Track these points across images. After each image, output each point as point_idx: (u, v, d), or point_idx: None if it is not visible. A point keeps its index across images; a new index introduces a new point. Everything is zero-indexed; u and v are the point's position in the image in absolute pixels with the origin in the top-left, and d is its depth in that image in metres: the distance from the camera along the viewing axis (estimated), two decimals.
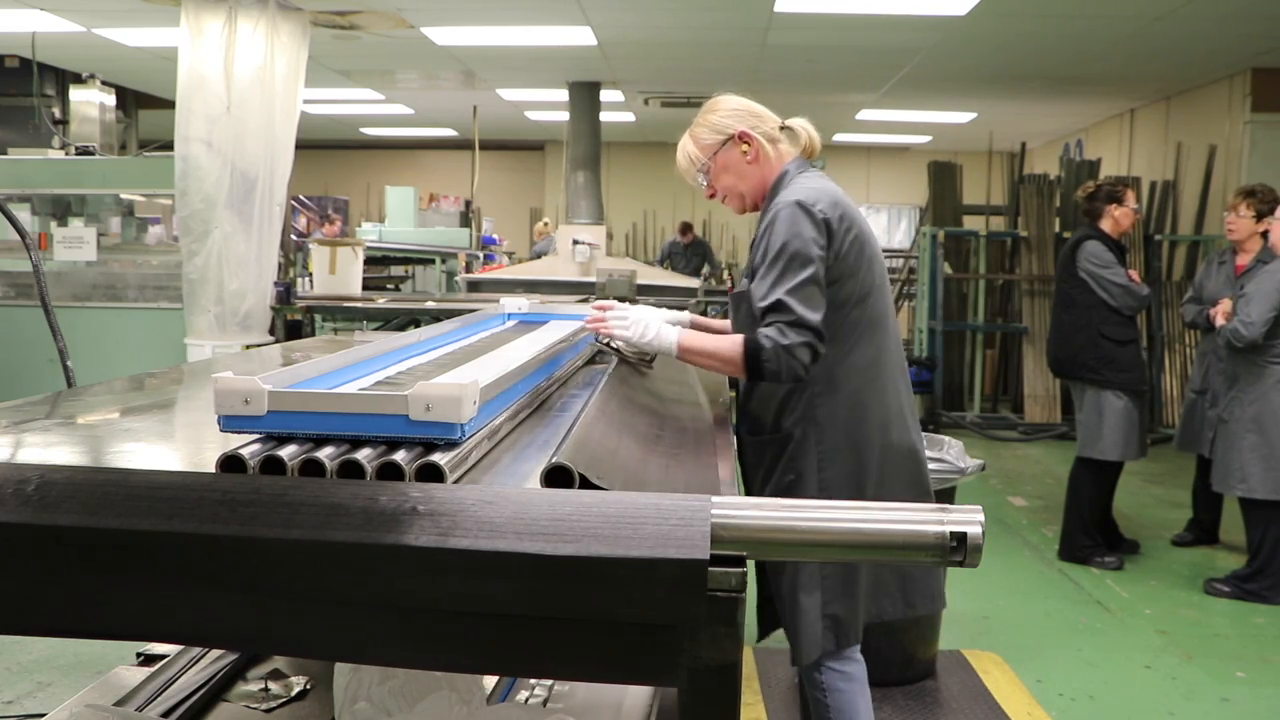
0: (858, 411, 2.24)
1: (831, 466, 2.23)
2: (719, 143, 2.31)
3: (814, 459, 2.23)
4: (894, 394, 2.31)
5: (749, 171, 2.32)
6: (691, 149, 2.34)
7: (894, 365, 2.32)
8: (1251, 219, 4.77)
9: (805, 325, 2.08)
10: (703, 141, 2.33)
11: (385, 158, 16.12)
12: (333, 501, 1.04)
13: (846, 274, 2.20)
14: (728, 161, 2.32)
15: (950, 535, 1.05)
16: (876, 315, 2.27)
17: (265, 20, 5.88)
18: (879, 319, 2.28)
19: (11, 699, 3.32)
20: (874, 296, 2.27)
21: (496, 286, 7.70)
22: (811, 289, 2.11)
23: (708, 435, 1.85)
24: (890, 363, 2.30)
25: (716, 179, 2.35)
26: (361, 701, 1.80)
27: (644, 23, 7.44)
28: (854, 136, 13.54)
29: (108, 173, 6.51)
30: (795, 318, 2.08)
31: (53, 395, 1.91)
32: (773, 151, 2.33)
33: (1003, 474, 7.05)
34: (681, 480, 1.44)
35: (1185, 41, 7.46)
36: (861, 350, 2.24)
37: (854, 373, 2.24)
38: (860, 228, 2.25)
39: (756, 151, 2.31)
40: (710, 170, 2.33)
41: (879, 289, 2.29)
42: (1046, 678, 3.71)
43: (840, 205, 2.22)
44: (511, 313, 2.81)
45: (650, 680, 1.13)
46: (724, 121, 2.31)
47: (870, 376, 2.26)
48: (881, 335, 2.28)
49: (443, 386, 1.17)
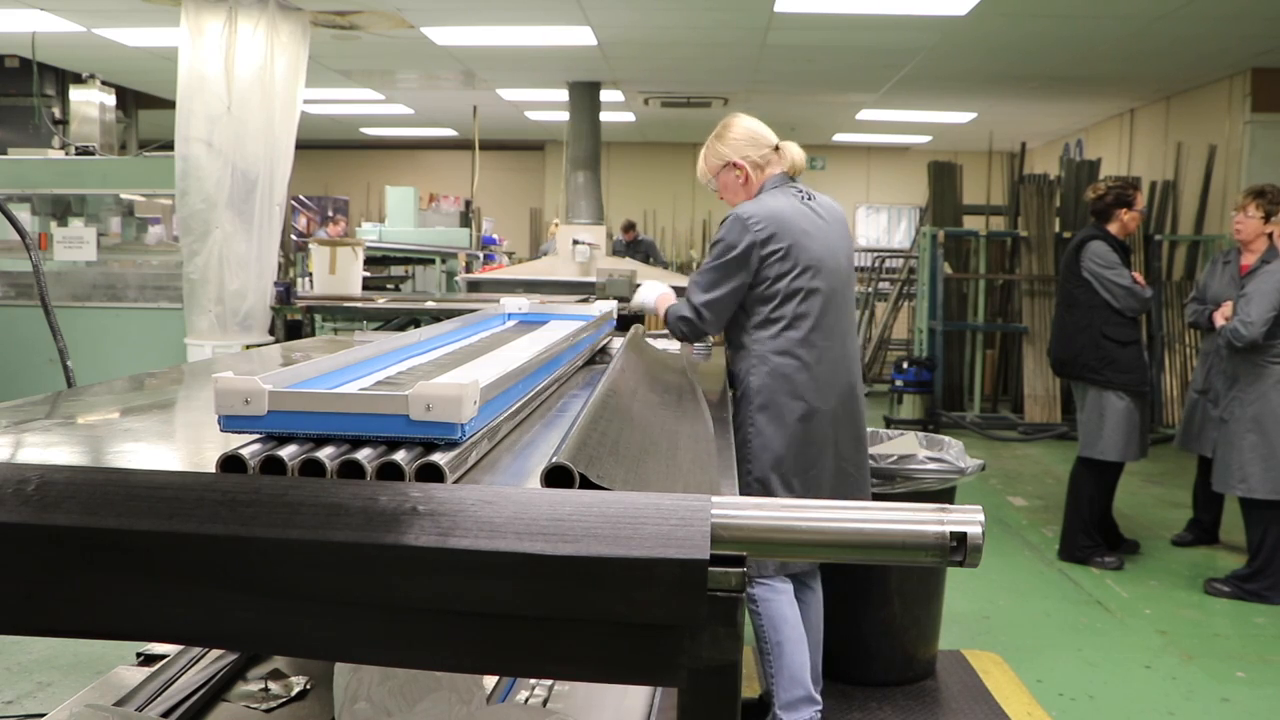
0: (777, 382, 2.84)
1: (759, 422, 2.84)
2: (719, 166, 3.03)
3: (747, 414, 2.86)
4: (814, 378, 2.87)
5: (740, 189, 3.02)
6: (701, 165, 3.08)
7: (826, 355, 2.88)
8: (1260, 219, 4.76)
9: (692, 304, 2.88)
10: (710, 162, 3.05)
11: (385, 158, 16.12)
12: (333, 501, 1.04)
13: (771, 275, 2.84)
14: (726, 181, 3.04)
15: (950, 535, 1.05)
16: (805, 312, 2.85)
17: (265, 20, 5.88)
18: (806, 315, 2.86)
19: (11, 699, 3.32)
20: (803, 297, 2.85)
21: (496, 286, 7.70)
22: (711, 276, 2.86)
23: (704, 427, 1.85)
24: (818, 350, 2.87)
25: (720, 190, 3.08)
26: (361, 701, 1.80)
27: (644, 23, 7.44)
28: (854, 136, 13.54)
29: (108, 173, 6.51)
30: (691, 302, 2.89)
31: (53, 395, 1.91)
32: (757, 176, 3.00)
33: (1003, 474, 7.05)
34: (680, 482, 1.44)
35: (1185, 41, 7.47)
36: (785, 336, 2.85)
37: (777, 353, 2.85)
38: (792, 241, 2.85)
39: (746, 176, 3.00)
40: (715, 183, 3.08)
41: (813, 293, 2.86)
42: (1046, 678, 3.71)
43: (775, 222, 2.85)
44: (511, 313, 2.81)
45: (650, 680, 1.13)
46: (724, 151, 3.00)
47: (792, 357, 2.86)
48: (808, 328, 2.86)
49: (443, 386, 1.17)
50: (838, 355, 2.90)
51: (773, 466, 2.82)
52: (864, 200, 15.04)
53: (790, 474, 2.83)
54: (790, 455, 2.82)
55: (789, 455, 2.82)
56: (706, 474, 1.44)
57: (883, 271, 11.55)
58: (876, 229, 15.12)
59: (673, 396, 2.06)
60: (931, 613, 3.63)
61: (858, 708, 3.42)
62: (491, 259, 10.17)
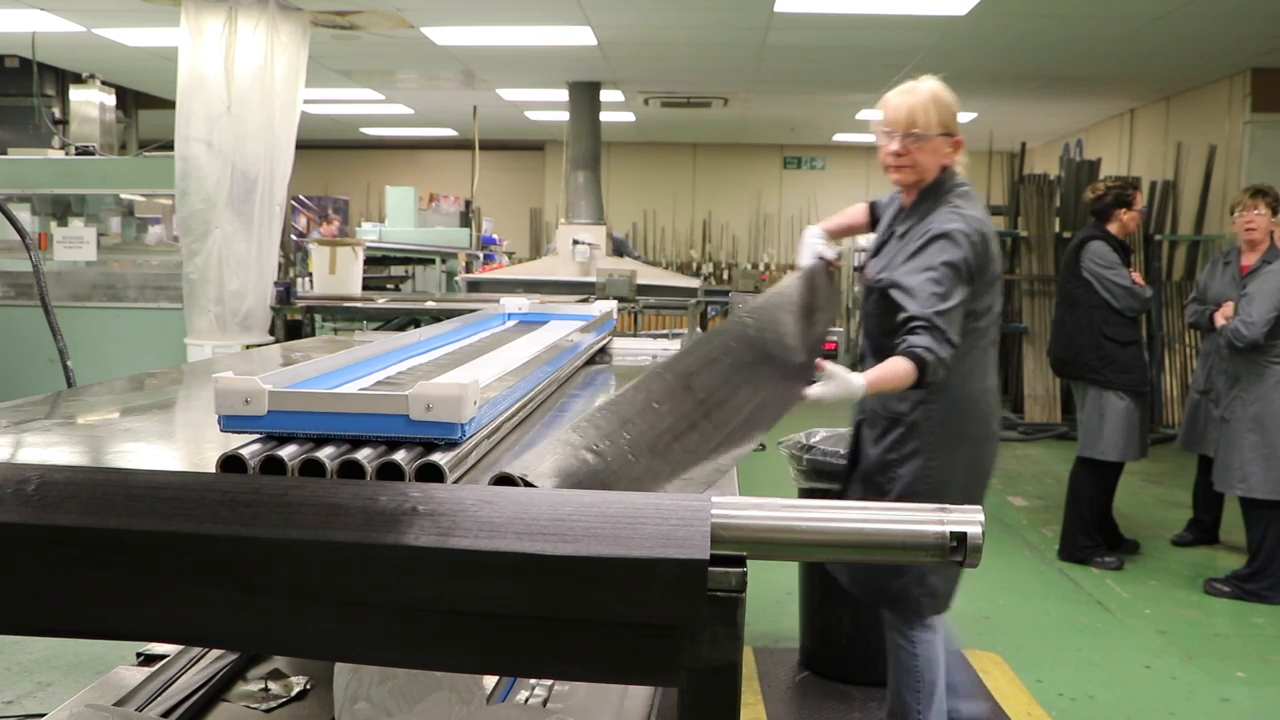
0: (960, 408, 2.63)
1: (936, 452, 2.62)
2: (943, 131, 2.63)
3: (921, 442, 2.63)
4: (989, 395, 2.72)
5: (936, 167, 2.65)
6: (925, 115, 2.62)
7: (990, 371, 2.72)
8: (1269, 215, 4.75)
9: (951, 344, 2.44)
10: (939, 119, 2.63)
11: (385, 158, 16.11)
12: (333, 501, 1.04)
13: (978, 295, 2.57)
14: (936, 148, 2.63)
15: (950, 535, 1.05)
16: (984, 328, 2.65)
17: (265, 20, 5.88)
18: (985, 331, 2.66)
19: (11, 699, 3.32)
20: (990, 315, 2.66)
21: (496, 286, 7.71)
22: (959, 313, 2.48)
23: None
24: (988, 369, 2.71)
25: (916, 150, 2.63)
26: (361, 701, 1.80)
27: (644, 23, 7.43)
28: (854, 136, 13.53)
29: (108, 173, 6.50)
30: (947, 338, 2.44)
31: (53, 395, 1.91)
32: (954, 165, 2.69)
33: (1003, 474, 7.05)
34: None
35: (1185, 41, 7.46)
36: (970, 359, 2.62)
37: (960, 377, 2.60)
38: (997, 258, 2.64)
39: (952, 160, 2.68)
40: (920, 140, 2.62)
41: (994, 309, 2.68)
42: (1046, 678, 3.71)
43: (992, 239, 2.61)
44: (511, 313, 2.81)
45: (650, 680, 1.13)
46: (956, 124, 2.67)
47: (974, 381, 2.66)
48: (986, 347, 2.68)
49: (443, 386, 1.17)
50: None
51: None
52: (864, 200, 15.03)
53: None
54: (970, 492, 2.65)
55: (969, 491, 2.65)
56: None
57: None
58: None
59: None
60: None
61: (858, 708, 3.42)
62: (491, 259, 10.17)
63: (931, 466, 2.62)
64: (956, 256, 2.49)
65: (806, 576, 3.69)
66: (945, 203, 2.60)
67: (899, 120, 2.63)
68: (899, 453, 2.64)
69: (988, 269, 2.58)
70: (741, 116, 11.82)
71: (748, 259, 14.79)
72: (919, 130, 2.60)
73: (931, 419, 2.61)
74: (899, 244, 2.67)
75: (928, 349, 2.40)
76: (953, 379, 2.53)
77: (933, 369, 2.40)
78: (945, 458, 2.62)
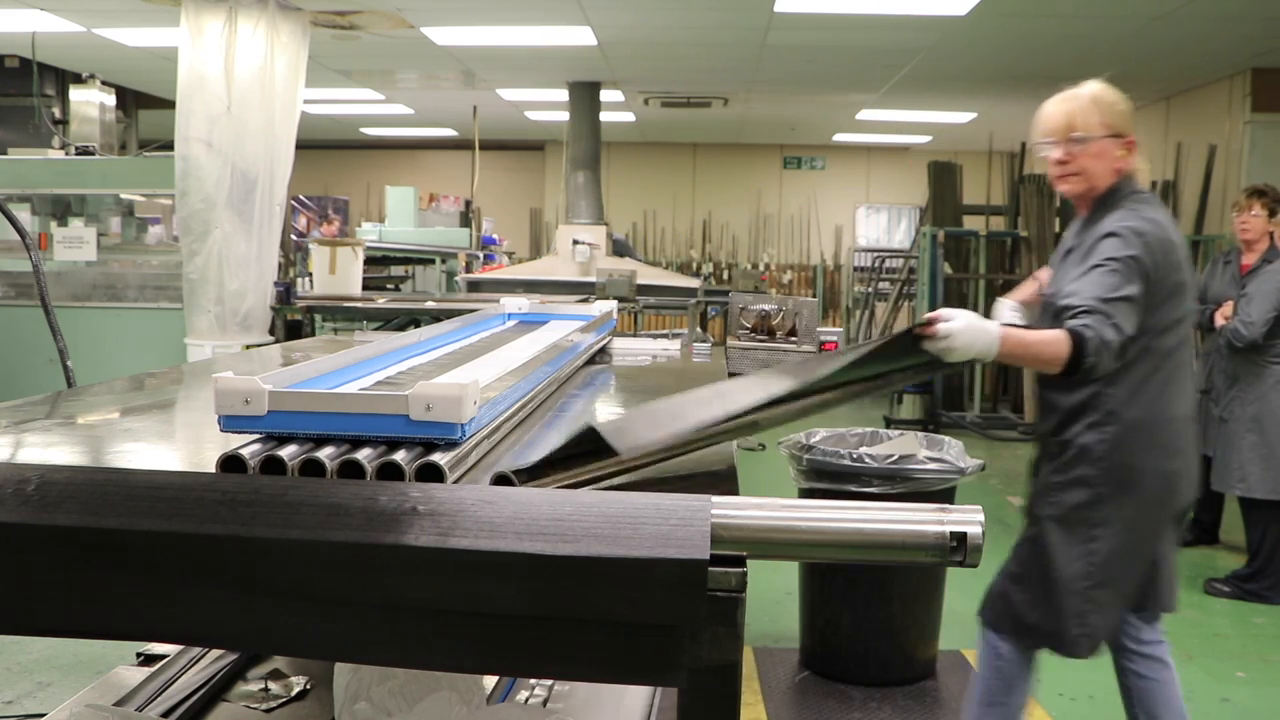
0: (1135, 437, 2.34)
1: (1102, 483, 2.35)
2: (1110, 133, 2.42)
3: (1087, 470, 2.36)
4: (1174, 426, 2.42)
5: (1108, 172, 2.43)
6: (1085, 117, 2.42)
7: (1178, 399, 2.42)
8: (1265, 217, 4.75)
9: (1120, 331, 2.18)
10: (1102, 120, 2.42)
11: (385, 158, 16.11)
12: (333, 501, 1.04)
13: (1157, 305, 2.31)
14: (1103, 150, 2.41)
15: (950, 535, 1.05)
16: (1167, 349, 2.38)
17: (265, 20, 5.88)
18: (1169, 353, 2.39)
19: (11, 699, 3.32)
20: (1174, 333, 2.38)
21: (496, 286, 7.70)
22: (1132, 306, 2.23)
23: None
24: (1175, 397, 2.41)
25: (1083, 155, 2.42)
26: (361, 701, 1.80)
27: (644, 23, 7.43)
28: (854, 136, 13.54)
29: (108, 173, 6.50)
30: (1115, 323, 2.17)
31: (53, 395, 1.91)
32: (1129, 169, 2.45)
33: (1003, 474, 7.04)
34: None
35: (1185, 41, 7.46)
36: (1152, 383, 2.35)
37: (1138, 401, 2.34)
38: (1182, 267, 2.39)
39: (1126, 163, 2.44)
40: (1085, 144, 2.41)
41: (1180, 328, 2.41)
42: (1046, 678, 3.71)
43: (1176, 246, 2.39)
44: (511, 313, 2.81)
45: (650, 680, 1.13)
46: (1125, 124, 2.45)
47: (1155, 407, 2.36)
48: (1171, 371, 2.39)
49: (443, 386, 1.17)
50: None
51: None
52: (864, 200, 15.04)
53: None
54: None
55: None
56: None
57: (882, 271, 11.54)
58: (876, 229, 15.11)
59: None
60: (931, 613, 3.62)
61: (858, 708, 3.42)
62: (491, 259, 10.16)
63: (1094, 497, 2.36)
64: (1128, 252, 2.27)
65: (806, 576, 3.69)
66: (1121, 207, 2.39)
67: (1057, 126, 2.45)
68: (1063, 476, 2.39)
69: (1168, 277, 2.33)
70: (741, 116, 11.82)
71: (748, 259, 14.80)
72: (1080, 133, 2.42)
73: (1102, 444, 2.34)
74: (1073, 259, 2.44)
75: (1087, 326, 2.14)
76: (1128, 402, 2.32)
77: (1093, 349, 2.12)
78: (1111, 491, 2.36)
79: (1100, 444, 2.34)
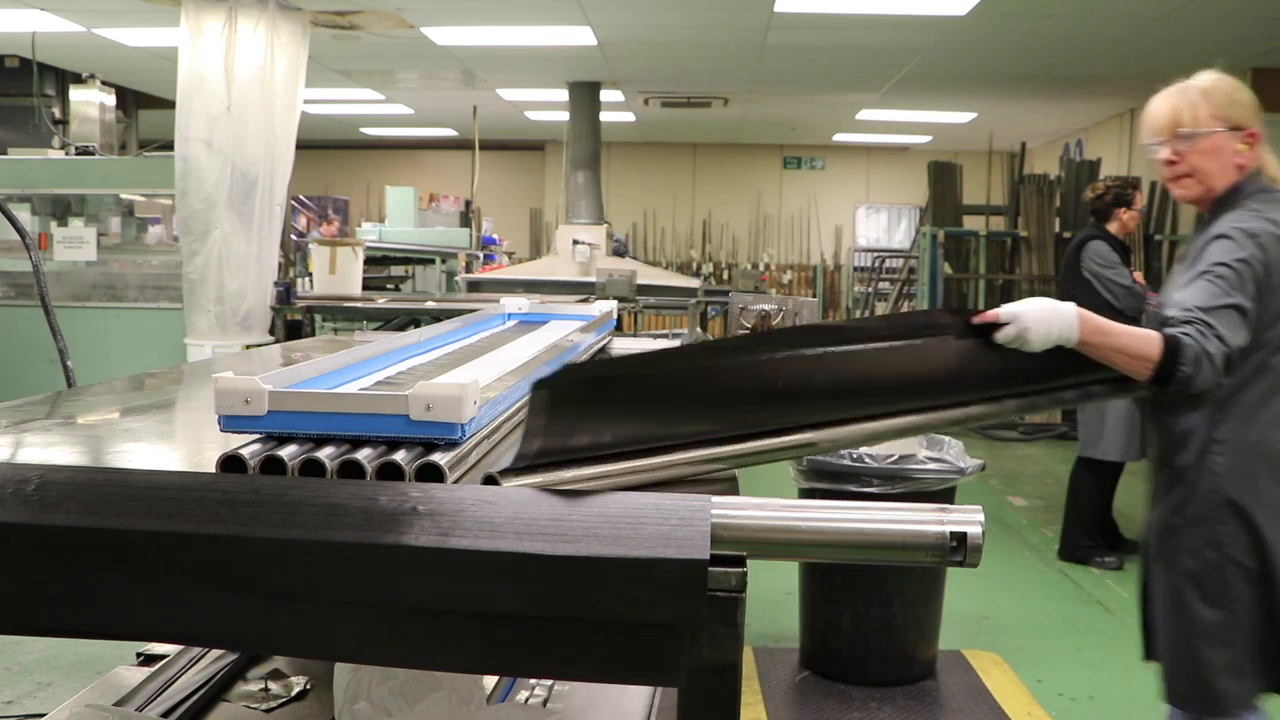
0: (1253, 463, 2.07)
1: (1223, 519, 2.07)
2: (1227, 125, 2.13)
3: (1203, 507, 2.08)
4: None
5: (1226, 170, 2.14)
6: (1193, 110, 2.13)
7: None
8: None
9: (1223, 342, 1.93)
10: (1213, 113, 2.12)
11: (385, 158, 16.11)
12: (333, 501, 1.04)
13: (1270, 316, 2.05)
14: (1217, 146, 2.12)
15: (950, 535, 1.06)
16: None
17: (265, 20, 5.88)
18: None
19: (11, 699, 3.32)
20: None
21: (496, 286, 7.70)
22: (1239, 315, 1.98)
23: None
24: None
25: (1192, 153, 2.14)
26: (361, 701, 1.80)
27: (644, 23, 7.43)
28: (854, 136, 13.54)
29: (108, 173, 6.50)
30: (1218, 333, 1.93)
31: (53, 395, 1.91)
32: (1252, 165, 2.15)
33: (1003, 474, 7.05)
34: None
35: (1185, 41, 7.46)
36: (1271, 404, 2.08)
37: (1255, 424, 2.08)
38: None
39: (1250, 158, 2.14)
40: (1193, 140, 2.13)
41: None
42: (1046, 678, 3.71)
43: None
44: (511, 313, 2.81)
45: (650, 680, 1.13)
46: (1244, 114, 2.15)
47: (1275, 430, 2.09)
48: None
49: (443, 386, 1.17)
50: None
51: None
52: (864, 200, 15.04)
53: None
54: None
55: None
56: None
57: (882, 271, 11.54)
58: (876, 229, 15.11)
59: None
60: (931, 613, 3.62)
61: (858, 708, 3.42)
62: (491, 259, 10.17)
63: (1216, 538, 2.06)
64: (1238, 255, 2.01)
65: (806, 576, 3.69)
66: (1240, 207, 2.10)
67: (1162, 124, 2.15)
68: (1182, 516, 2.10)
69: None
70: (741, 116, 11.82)
71: (748, 259, 14.79)
72: (1186, 129, 2.12)
73: (1215, 474, 2.06)
74: (1183, 266, 2.17)
75: (1186, 334, 1.91)
76: (1242, 426, 2.06)
77: (1190, 358, 1.89)
78: (1233, 529, 2.06)
79: (1212, 475, 2.07)
